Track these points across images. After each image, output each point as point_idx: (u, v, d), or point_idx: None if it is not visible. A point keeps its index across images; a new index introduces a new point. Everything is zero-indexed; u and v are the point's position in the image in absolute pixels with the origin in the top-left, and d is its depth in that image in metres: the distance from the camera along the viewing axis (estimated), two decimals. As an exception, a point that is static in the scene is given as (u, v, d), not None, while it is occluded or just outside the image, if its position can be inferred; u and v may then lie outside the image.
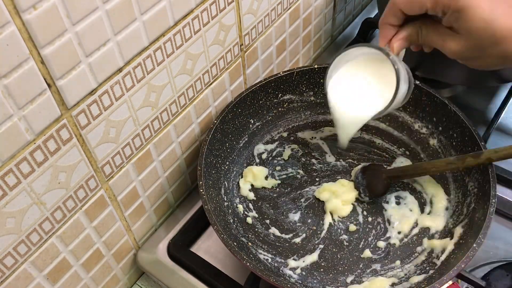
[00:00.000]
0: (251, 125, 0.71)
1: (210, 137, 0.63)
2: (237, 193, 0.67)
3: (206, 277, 0.62)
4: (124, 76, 0.50)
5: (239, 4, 0.62)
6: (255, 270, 0.52)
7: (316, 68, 0.71)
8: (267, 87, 0.70)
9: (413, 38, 0.51)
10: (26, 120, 0.43)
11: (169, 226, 0.68)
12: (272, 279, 0.51)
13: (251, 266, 0.52)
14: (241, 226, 0.64)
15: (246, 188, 0.67)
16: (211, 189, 0.62)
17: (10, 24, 0.38)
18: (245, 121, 0.70)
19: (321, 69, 0.71)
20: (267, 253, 0.61)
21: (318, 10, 0.82)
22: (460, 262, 0.51)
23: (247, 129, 0.71)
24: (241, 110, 0.69)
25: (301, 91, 0.72)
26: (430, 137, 0.68)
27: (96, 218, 0.56)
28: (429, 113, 0.68)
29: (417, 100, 0.68)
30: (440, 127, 0.67)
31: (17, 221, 0.46)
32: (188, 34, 0.56)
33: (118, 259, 0.63)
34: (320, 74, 0.71)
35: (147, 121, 0.57)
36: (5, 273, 0.48)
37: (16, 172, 0.44)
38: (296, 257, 0.61)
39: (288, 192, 0.68)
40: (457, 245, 0.57)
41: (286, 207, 0.66)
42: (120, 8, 0.46)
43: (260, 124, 0.72)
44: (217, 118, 0.65)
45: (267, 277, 0.51)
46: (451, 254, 0.56)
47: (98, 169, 0.53)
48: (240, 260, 0.53)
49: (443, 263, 0.56)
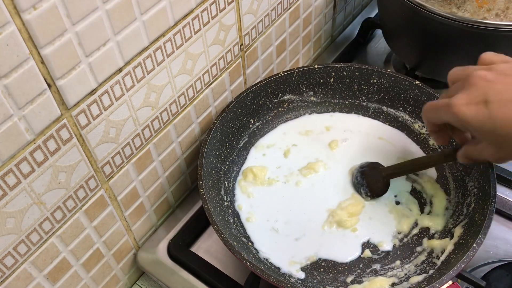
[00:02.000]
0: (251, 125, 0.71)
1: (210, 137, 0.63)
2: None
3: (206, 277, 0.62)
4: (124, 76, 0.50)
5: (239, 4, 0.62)
6: (255, 270, 0.52)
7: (316, 68, 0.71)
8: (267, 87, 0.70)
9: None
10: (26, 120, 0.43)
11: (169, 226, 0.68)
12: (272, 279, 0.51)
13: (251, 266, 0.52)
14: (241, 226, 0.64)
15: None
16: (211, 189, 0.62)
17: (10, 24, 0.38)
18: (245, 121, 0.70)
19: (321, 69, 0.71)
20: (267, 253, 0.61)
21: (318, 10, 0.82)
22: (460, 262, 0.51)
23: (247, 129, 0.71)
24: (241, 110, 0.69)
25: (301, 91, 0.72)
26: (430, 137, 0.68)
27: (96, 218, 0.56)
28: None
29: (417, 100, 0.68)
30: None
31: (17, 221, 0.46)
32: (188, 34, 0.56)
33: (118, 259, 0.63)
34: (321, 74, 0.71)
35: (147, 121, 0.57)
36: (5, 273, 0.48)
37: (16, 172, 0.44)
38: (296, 257, 0.61)
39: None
40: (457, 245, 0.57)
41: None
42: (120, 8, 0.46)
43: (260, 124, 0.72)
44: (217, 118, 0.65)
45: (267, 277, 0.51)
46: (451, 254, 0.56)
47: (98, 169, 0.53)
48: (240, 260, 0.53)
49: (443, 263, 0.56)
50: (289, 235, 0.63)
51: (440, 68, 0.75)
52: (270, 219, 0.65)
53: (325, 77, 0.71)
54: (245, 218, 0.65)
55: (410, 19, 0.70)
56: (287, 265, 0.60)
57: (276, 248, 0.62)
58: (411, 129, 0.70)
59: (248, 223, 0.64)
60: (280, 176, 0.69)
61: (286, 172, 0.69)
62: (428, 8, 0.64)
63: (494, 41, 0.64)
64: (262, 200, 0.67)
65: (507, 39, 0.64)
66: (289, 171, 0.69)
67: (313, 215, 0.65)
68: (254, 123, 0.71)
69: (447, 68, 0.73)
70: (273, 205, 0.66)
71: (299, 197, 0.67)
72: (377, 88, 0.71)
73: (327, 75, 0.71)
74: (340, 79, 0.72)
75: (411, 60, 0.79)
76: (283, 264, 0.60)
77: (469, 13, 0.68)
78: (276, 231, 0.63)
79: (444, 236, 0.60)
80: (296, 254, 0.61)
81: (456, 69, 0.53)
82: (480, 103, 0.47)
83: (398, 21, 0.76)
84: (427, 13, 0.64)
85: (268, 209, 0.66)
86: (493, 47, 0.66)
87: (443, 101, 0.50)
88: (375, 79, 0.70)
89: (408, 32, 0.75)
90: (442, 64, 0.73)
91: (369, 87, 0.71)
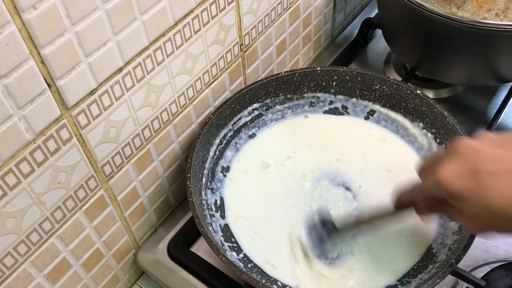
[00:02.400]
0: (248, 122, 0.71)
1: (204, 131, 0.63)
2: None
3: (206, 277, 0.62)
4: (124, 76, 0.50)
5: (239, 4, 0.62)
6: (229, 265, 0.52)
7: (319, 71, 0.71)
8: (267, 86, 0.70)
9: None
10: (26, 120, 0.43)
11: (169, 226, 0.68)
12: (245, 276, 0.52)
13: (226, 261, 0.52)
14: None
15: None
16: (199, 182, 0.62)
17: (10, 24, 0.38)
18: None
19: (323, 72, 0.71)
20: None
21: (318, 10, 0.82)
22: (459, 255, 0.52)
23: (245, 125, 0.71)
24: (239, 107, 0.69)
25: (302, 92, 0.72)
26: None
27: (96, 218, 0.56)
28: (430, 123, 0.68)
29: (417, 110, 0.68)
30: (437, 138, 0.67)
31: (17, 221, 0.46)
32: (188, 34, 0.56)
33: (118, 259, 0.63)
34: (323, 77, 0.71)
35: (147, 121, 0.57)
36: (5, 273, 0.48)
37: (16, 172, 0.44)
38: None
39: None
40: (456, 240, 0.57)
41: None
42: (120, 8, 0.46)
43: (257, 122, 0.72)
44: (213, 113, 0.65)
45: (240, 273, 0.52)
46: (450, 248, 0.56)
47: (98, 169, 0.53)
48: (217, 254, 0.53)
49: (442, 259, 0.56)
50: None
51: (440, 68, 0.75)
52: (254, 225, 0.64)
53: (327, 80, 0.71)
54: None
55: (410, 19, 0.70)
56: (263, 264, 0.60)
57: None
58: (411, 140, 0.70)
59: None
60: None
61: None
62: (428, 8, 0.64)
63: (494, 41, 0.64)
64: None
65: (507, 39, 0.64)
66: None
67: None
68: (252, 120, 0.71)
69: (447, 68, 0.74)
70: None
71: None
72: (379, 95, 0.71)
73: (330, 78, 0.71)
74: (342, 83, 0.71)
75: (411, 60, 0.79)
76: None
77: (469, 13, 0.68)
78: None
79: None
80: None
81: (424, 160, 0.50)
82: (467, 173, 0.42)
83: (398, 21, 0.76)
84: (427, 13, 0.64)
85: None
86: (493, 47, 0.66)
87: (427, 180, 0.46)
88: (377, 85, 0.70)
89: (408, 32, 0.75)
90: (442, 64, 0.73)
91: (370, 93, 0.71)
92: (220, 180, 0.66)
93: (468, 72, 0.73)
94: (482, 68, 0.71)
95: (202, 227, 0.55)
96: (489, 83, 0.77)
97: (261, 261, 0.59)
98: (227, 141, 0.68)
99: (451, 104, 0.81)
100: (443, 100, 0.82)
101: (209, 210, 0.62)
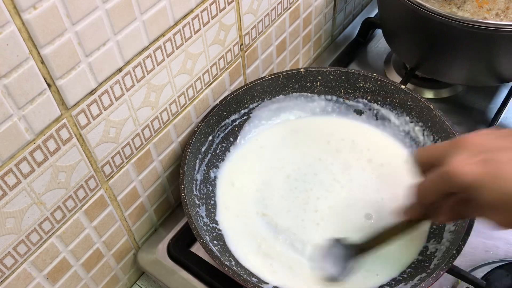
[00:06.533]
0: (236, 127, 0.70)
1: (194, 141, 0.63)
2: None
3: (206, 277, 0.62)
4: (124, 76, 0.50)
5: (239, 3, 0.62)
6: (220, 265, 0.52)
7: (303, 72, 0.70)
8: (252, 90, 0.69)
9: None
10: (26, 120, 0.43)
11: (169, 226, 0.68)
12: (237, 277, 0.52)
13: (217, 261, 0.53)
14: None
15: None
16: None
17: (10, 24, 0.38)
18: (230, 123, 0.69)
19: (307, 73, 0.70)
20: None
21: (318, 10, 0.82)
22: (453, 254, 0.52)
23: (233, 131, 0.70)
24: (226, 113, 0.68)
25: (287, 94, 0.72)
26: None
27: (96, 218, 0.56)
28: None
29: (403, 105, 0.68)
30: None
31: (17, 221, 0.46)
32: (188, 33, 0.56)
33: (118, 259, 0.63)
34: (307, 78, 0.71)
35: (147, 121, 0.57)
36: (5, 273, 0.48)
37: (16, 172, 0.44)
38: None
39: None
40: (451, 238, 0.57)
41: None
42: (120, 7, 0.46)
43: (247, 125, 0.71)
44: (201, 122, 0.64)
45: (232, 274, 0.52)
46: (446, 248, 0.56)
47: (98, 169, 0.53)
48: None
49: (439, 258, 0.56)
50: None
51: (440, 68, 0.75)
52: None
53: (311, 81, 0.71)
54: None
55: (410, 19, 0.70)
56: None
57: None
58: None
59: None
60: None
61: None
62: (428, 8, 0.64)
63: (494, 41, 0.64)
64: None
65: (507, 39, 0.64)
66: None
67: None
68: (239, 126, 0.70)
69: (447, 68, 0.74)
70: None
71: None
72: (363, 92, 0.70)
73: (314, 78, 0.71)
74: (326, 83, 0.71)
75: (411, 60, 0.79)
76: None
77: (469, 13, 0.68)
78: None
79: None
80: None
81: (423, 150, 0.48)
82: (479, 162, 0.41)
83: (398, 21, 0.76)
84: (427, 13, 0.64)
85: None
86: (493, 47, 0.66)
87: (435, 174, 0.44)
88: (361, 83, 0.70)
89: (408, 32, 0.75)
90: (442, 64, 0.73)
91: (355, 90, 0.71)
92: (211, 191, 0.66)
93: (468, 72, 0.73)
94: (482, 68, 0.71)
95: (201, 238, 0.55)
96: (489, 83, 0.77)
97: (261, 267, 0.59)
98: (214, 149, 0.67)
99: (451, 104, 0.81)
100: (443, 100, 0.82)
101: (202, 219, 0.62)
